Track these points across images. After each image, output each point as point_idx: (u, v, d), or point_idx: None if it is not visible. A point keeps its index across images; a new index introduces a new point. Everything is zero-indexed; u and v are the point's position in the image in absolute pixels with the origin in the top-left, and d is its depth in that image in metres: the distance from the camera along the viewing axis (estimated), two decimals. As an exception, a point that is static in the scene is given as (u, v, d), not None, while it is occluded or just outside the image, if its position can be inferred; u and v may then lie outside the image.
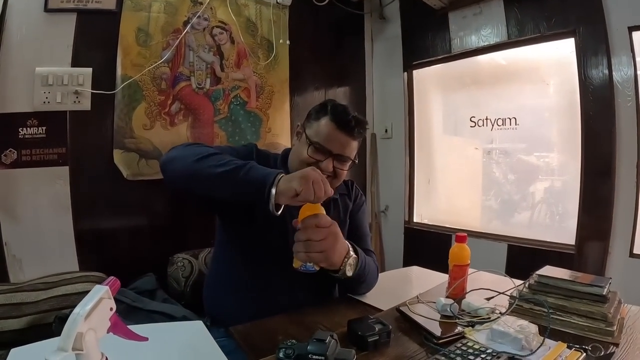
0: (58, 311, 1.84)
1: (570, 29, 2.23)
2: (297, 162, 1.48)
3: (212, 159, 1.23)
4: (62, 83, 2.09)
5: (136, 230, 2.35)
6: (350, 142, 1.47)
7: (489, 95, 2.74)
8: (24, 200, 2.05)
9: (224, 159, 1.23)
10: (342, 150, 1.46)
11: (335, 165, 1.46)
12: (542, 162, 2.55)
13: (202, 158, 1.23)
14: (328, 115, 1.46)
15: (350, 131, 1.45)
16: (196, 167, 1.24)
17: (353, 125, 1.45)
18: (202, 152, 1.25)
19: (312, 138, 1.45)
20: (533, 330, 1.03)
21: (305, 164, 1.42)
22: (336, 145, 1.44)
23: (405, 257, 3.18)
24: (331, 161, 1.44)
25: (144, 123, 2.31)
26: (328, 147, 1.43)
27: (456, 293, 1.36)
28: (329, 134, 1.44)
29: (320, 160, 1.43)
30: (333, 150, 1.44)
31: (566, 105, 2.35)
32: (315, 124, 1.47)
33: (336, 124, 1.44)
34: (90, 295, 0.74)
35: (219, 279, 1.61)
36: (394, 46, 3.18)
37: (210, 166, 1.21)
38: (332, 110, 1.47)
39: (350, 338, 1.08)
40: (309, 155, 1.44)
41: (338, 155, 1.45)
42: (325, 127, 1.45)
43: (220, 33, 2.55)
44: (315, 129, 1.46)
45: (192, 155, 1.25)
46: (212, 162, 1.22)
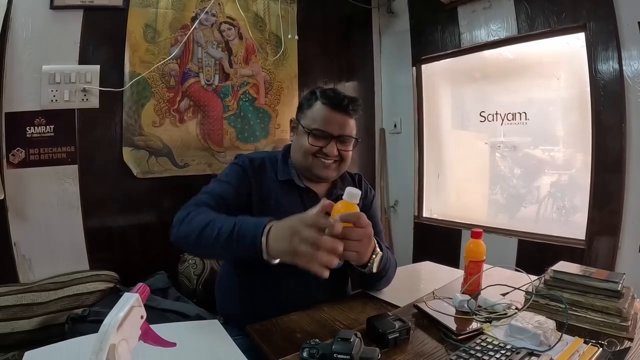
0: (69, 311, 1.89)
1: (580, 23, 2.22)
2: (300, 155, 1.47)
3: (206, 234, 1.21)
4: (69, 81, 2.10)
5: (146, 228, 2.35)
6: (348, 121, 1.46)
7: (499, 89, 2.73)
8: (32, 200, 2.06)
9: (215, 230, 1.19)
10: (342, 130, 1.45)
11: (338, 148, 1.45)
12: (551, 157, 2.54)
13: (199, 236, 1.22)
14: (319, 100, 1.45)
15: (345, 109, 1.44)
16: (199, 248, 1.29)
17: (347, 103, 1.44)
18: (197, 229, 1.23)
19: (310, 126, 1.43)
20: (551, 326, 1.04)
21: (309, 153, 1.43)
22: (335, 126, 1.43)
23: (415, 251, 3.18)
24: (334, 144, 1.43)
25: (153, 120, 2.32)
26: (328, 130, 1.42)
27: (472, 289, 1.36)
28: (325, 116, 1.42)
29: (322, 146, 1.42)
30: (334, 133, 1.43)
31: (576, 100, 2.34)
32: (309, 112, 1.46)
33: (330, 105, 1.43)
34: (120, 304, 0.72)
35: (231, 278, 1.59)
36: (402, 40, 3.16)
37: (208, 243, 1.21)
38: (322, 94, 1.46)
39: (370, 335, 1.08)
40: (311, 144, 1.42)
41: (339, 136, 1.44)
42: (319, 111, 1.43)
43: (229, 29, 2.56)
44: (310, 117, 1.45)
45: (192, 235, 1.24)
46: (208, 239, 1.20)
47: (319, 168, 1.46)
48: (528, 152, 2.62)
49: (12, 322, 1.81)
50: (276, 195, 1.48)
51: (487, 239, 1.43)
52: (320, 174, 1.48)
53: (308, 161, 1.45)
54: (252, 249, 1.10)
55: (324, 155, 1.44)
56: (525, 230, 2.56)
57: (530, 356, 0.96)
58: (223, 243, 1.17)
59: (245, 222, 1.17)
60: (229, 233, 1.16)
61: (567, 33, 2.32)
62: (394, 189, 3.36)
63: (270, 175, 1.50)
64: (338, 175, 1.54)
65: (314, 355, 0.90)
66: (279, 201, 1.47)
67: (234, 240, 1.15)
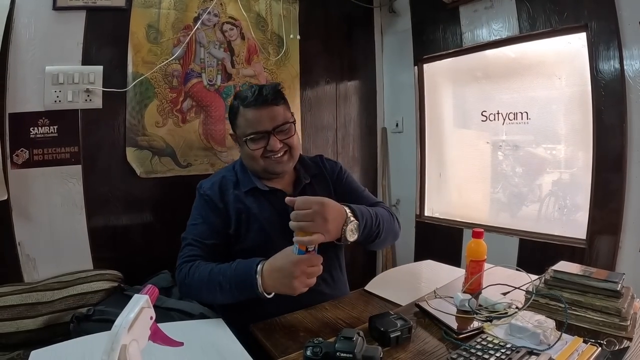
0: (74, 310, 1.89)
1: (582, 23, 2.21)
2: (251, 162, 1.52)
3: (208, 297, 1.40)
4: (72, 81, 2.09)
5: (150, 228, 2.36)
6: (275, 110, 1.47)
7: (500, 89, 2.73)
8: (36, 200, 2.06)
9: (213, 284, 1.32)
10: (274, 121, 1.46)
11: (280, 139, 1.47)
12: (552, 156, 2.55)
13: (204, 297, 1.44)
14: (240, 107, 1.48)
15: (265, 101, 1.45)
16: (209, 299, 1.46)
17: (264, 95, 1.45)
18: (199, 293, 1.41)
19: (245, 133, 1.47)
20: (551, 325, 1.06)
21: (257, 157, 1.47)
22: (265, 122, 1.45)
23: (417, 250, 3.18)
24: (274, 138, 1.46)
25: (156, 120, 2.32)
26: (261, 129, 1.45)
27: (473, 288, 1.38)
28: (252, 117, 1.45)
29: (265, 146, 1.45)
30: (268, 128, 1.45)
31: (577, 100, 2.34)
32: (237, 122, 1.50)
33: (249, 105, 1.45)
34: (130, 305, 0.74)
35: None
36: (404, 40, 3.16)
37: (216, 301, 1.44)
38: (239, 99, 1.49)
39: (372, 333, 1.10)
40: (253, 149, 1.46)
41: (275, 128, 1.46)
42: (244, 115, 1.47)
43: (231, 29, 2.55)
44: (240, 125, 1.49)
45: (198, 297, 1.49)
46: (214, 298, 1.38)
47: (272, 166, 1.49)
48: (529, 151, 2.62)
49: (17, 321, 1.81)
50: (246, 208, 1.51)
51: (488, 238, 1.44)
52: (276, 171, 1.52)
53: (260, 164, 1.49)
54: (252, 292, 1.25)
55: (271, 152, 1.47)
56: (527, 230, 2.56)
57: (530, 355, 0.97)
58: (227, 293, 1.30)
59: (236, 277, 1.29)
60: (228, 285, 1.29)
61: (569, 33, 2.31)
62: (396, 188, 3.37)
63: (234, 191, 1.54)
64: (294, 163, 1.57)
65: (317, 354, 0.92)
66: (250, 212, 1.51)
67: (235, 294, 1.29)
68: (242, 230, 1.49)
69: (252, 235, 1.49)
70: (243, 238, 1.50)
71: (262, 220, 1.48)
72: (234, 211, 1.50)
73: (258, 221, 1.47)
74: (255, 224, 1.47)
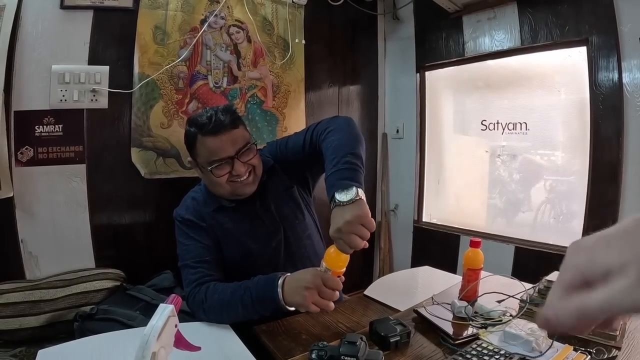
0: (77, 309, 1.91)
1: (582, 37, 2.25)
2: (217, 188, 1.47)
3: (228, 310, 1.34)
4: (79, 81, 2.10)
5: (153, 228, 2.37)
6: (234, 133, 1.41)
7: (500, 99, 2.76)
8: (40, 198, 2.07)
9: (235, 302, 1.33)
10: (236, 145, 1.41)
11: (244, 162, 1.42)
12: (550, 165, 2.58)
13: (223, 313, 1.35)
14: (198, 135, 1.41)
15: (222, 128, 1.39)
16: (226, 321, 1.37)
17: (220, 122, 1.39)
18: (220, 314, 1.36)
19: (206, 160, 1.41)
20: (543, 333, 1.09)
21: (224, 184, 1.43)
22: (226, 148, 1.40)
23: (414, 255, 3.22)
24: (238, 162, 1.41)
25: (162, 122, 2.34)
26: (223, 155, 1.40)
27: (469, 295, 1.42)
28: (212, 146, 1.39)
29: (230, 171, 1.41)
30: (230, 154, 1.40)
31: (576, 112, 2.38)
32: (197, 150, 1.44)
33: (208, 133, 1.39)
34: (158, 315, 0.78)
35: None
36: (407, 47, 3.20)
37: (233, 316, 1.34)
38: (197, 127, 1.41)
39: (373, 338, 1.14)
40: (219, 176, 1.41)
41: (237, 152, 1.41)
42: (204, 144, 1.40)
43: (237, 32, 2.57)
44: (201, 154, 1.43)
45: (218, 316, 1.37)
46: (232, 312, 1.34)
47: (239, 189, 1.45)
48: (527, 160, 2.66)
49: (19, 318, 1.83)
50: (219, 224, 1.50)
51: (485, 245, 1.48)
52: (244, 193, 1.47)
53: (226, 189, 1.45)
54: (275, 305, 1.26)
55: (237, 176, 1.42)
56: (522, 238, 2.60)
57: (523, 361, 1.01)
58: (250, 310, 1.30)
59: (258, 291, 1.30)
60: (250, 302, 1.30)
61: (569, 46, 2.35)
62: (395, 193, 3.39)
63: (205, 212, 1.52)
64: (258, 180, 1.51)
65: (322, 357, 0.95)
66: (223, 227, 1.50)
67: (258, 308, 1.30)
68: (223, 245, 1.50)
69: (232, 249, 1.50)
70: (225, 253, 1.50)
71: (236, 234, 1.47)
72: (213, 230, 1.49)
73: (232, 234, 1.47)
74: (230, 238, 1.47)
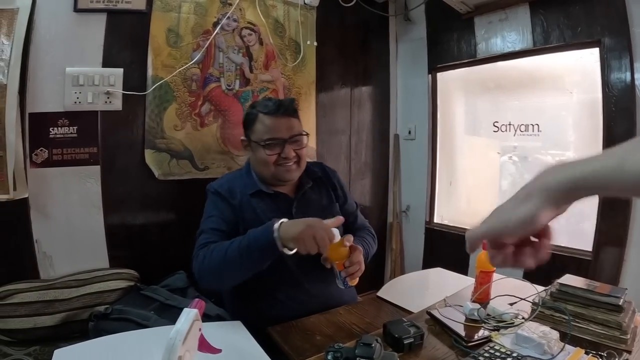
0: (91, 308, 1.94)
1: (595, 39, 2.23)
2: (262, 167, 1.58)
3: (229, 258, 1.36)
4: (93, 83, 2.11)
5: (166, 228, 2.38)
6: (292, 121, 1.58)
7: (512, 100, 2.74)
8: (54, 199, 2.08)
9: (233, 251, 1.35)
10: (291, 131, 1.57)
11: (293, 149, 1.57)
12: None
13: (224, 263, 1.36)
14: (259, 113, 1.57)
15: (285, 112, 1.56)
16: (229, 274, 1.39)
17: (283, 106, 1.56)
18: (218, 263, 1.38)
19: (262, 138, 1.55)
20: (555, 336, 1.10)
21: (270, 163, 1.55)
22: (283, 130, 1.55)
23: (425, 256, 3.22)
24: (289, 147, 1.55)
25: (175, 124, 2.35)
26: (278, 136, 1.54)
27: (482, 298, 1.43)
28: (271, 124, 1.54)
29: (279, 152, 1.53)
30: (284, 136, 1.55)
31: (588, 114, 2.36)
32: (255, 127, 1.57)
33: (270, 113, 1.55)
34: (183, 319, 0.81)
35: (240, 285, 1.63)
36: (418, 48, 3.19)
37: (235, 264, 1.35)
38: (259, 107, 1.58)
39: (386, 339, 1.16)
40: (269, 154, 1.54)
41: (290, 137, 1.56)
42: (263, 122, 1.55)
43: (249, 34, 2.58)
44: (258, 131, 1.56)
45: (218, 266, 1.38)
46: (234, 261, 1.35)
47: (282, 173, 1.56)
48: (539, 162, 2.63)
49: (34, 317, 1.85)
50: (252, 208, 1.57)
51: None
52: (285, 178, 1.59)
53: (271, 170, 1.57)
54: (270, 244, 1.29)
55: (284, 160, 1.55)
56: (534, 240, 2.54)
57: (535, 364, 1.02)
58: (246, 256, 1.31)
59: (256, 237, 1.34)
60: (247, 245, 1.32)
61: (582, 48, 2.33)
62: (407, 194, 3.39)
63: (240, 193, 1.60)
64: (300, 173, 1.65)
65: (338, 358, 0.97)
66: (255, 212, 1.56)
67: (252, 247, 1.31)
68: (246, 228, 1.51)
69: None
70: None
71: (263, 221, 1.48)
72: (241, 210, 1.56)
73: (260, 221, 1.48)
74: (257, 223, 1.48)
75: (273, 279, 1.53)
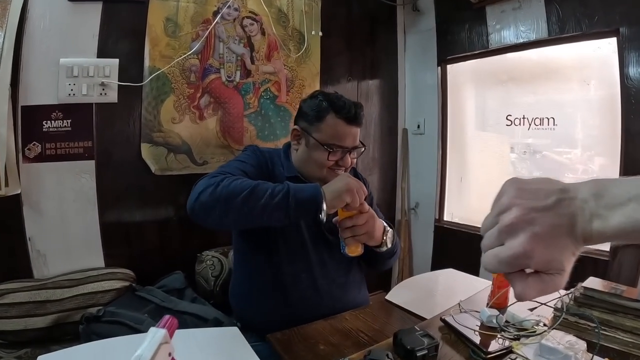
0: (84, 310, 1.87)
1: (612, 28, 2.16)
2: (313, 168, 1.51)
3: (255, 194, 1.22)
4: (87, 74, 2.05)
5: (164, 226, 2.32)
6: (358, 130, 1.51)
7: (526, 93, 2.67)
8: (48, 195, 2.03)
9: (266, 189, 1.23)
10: (355, 141, 1.51)
11: (352, 157, 1.53)
12: (577, 163, 2.49)
13: (247, 197, 1.21)
14: (332, 113, 1.46)
15: (358, 122, 1.49)
16: (246, 209, 1.21)
17: (357, 115, 1.48)
18: (240, 190, 1.22)
19: (327, 141, 1.45)
20: (582, 347, 1.01)
21: (324, 168, 1.48)
22: (350, 140, 1.48)
23: (435, 255, 3.16)
24: (348, 156, 1.50)
25: (173, 116, 2.28)
26: (345, 144, 1.47)
27: (499, 302, 1.35)
28: (342, 132, 1.46)
29: (338, 160, 1.49)
30: (349, 146, 1.48)
31: (606, 107, 2.28)
32: (320, 126, 1.47)
33: (345, 120, 1.46)
34: (147, 342, 0.68)
35: (244, 285, 1.60)
36: (427, 39, 3.12)
37: (260, 204, 1.21)
38: (332, 106, 1.47)
39: (397, 350, 1.06)
40: (329, 160, 1.46)
41: (353, 148, 1.51)
42: (335, 127, 1.46)
43: (251, 24, 2.51)
44: (325, 132, 1.47)
45: (232, 197, 1.22)
46: (259, 198, 1.21)
47: (331, 178, 1.44)
48: (554, 157, 2.56)
49: (25, 319, 1.80)
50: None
51: None
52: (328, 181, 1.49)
53: (322, 174, 1.49)
54: (314, 205, 1.23)
55: (339, 167, 1.50)
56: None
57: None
58: (279, 202, 1.21)
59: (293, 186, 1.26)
60: (284, 195, 1.22)
61: (599, 37, 2.26)
62: (415, 190, 3.33)
63: (279, 169, 1.55)
64: None
65: (345, 377, 0.88)
66: None
67: (291, 202, 1.22)
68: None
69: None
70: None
71: None
72: (269, 179, 1.43)
73: None
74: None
75: (288, 273, 1.49)
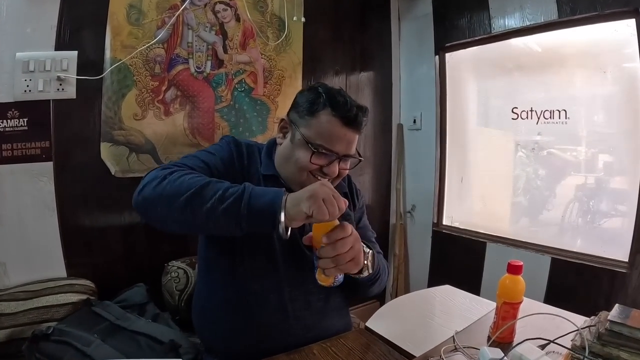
0: (37, 325, 1.75)
1: (631, 7, 1.99)
2: (293, 168, 1.31)
3: (203, 195, 1.04)
4: (44, 69, 1.94)
5: (128, 233, 2.21)
6: (356, 138, 1.31)
7: (534, 83, 2.51)
8: (5, 200, 1.92)
9: (216, 190, 1.05)
10: (349, 149, 1.30)
11: (339, 167, 1.31)
12: (591, 161, 2.33)
13: (190, 198, 1.04)
14: (328, 109, 1.26)
15: (357, 126, 1.28)
16: (188, 212, 1.05)
17: (357, 118, 1.27)
18: (187, 188, 1.05)
19: (314, 140, 1.26)
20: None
21: (305, 171, 1.28)
22: (343, 145, 1.28)
23: (432, 264, 3.02)
24: (337, 164, 1.29)
25: (135, 112, 2.16)
26: (335, 149, 1.26)
27: (503, 337, 1.14)
28: (335, 133, 1.26)
29: (324, 165, 1.27)
30: (340, 152, 1.27)
31: (625, 97, 2.12)
32: (312, 121, 1.28)
33: (341, 120, 1.25)
34: None
35: (206, 299, 1.45)
36: (424, 26, 2.98)
37: (205, 208, 1.03)
38: (330, 101, 1.27)
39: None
40: (313, 162, 1.26)
41: (344, 156, 1.30)
42: (327, 126, 1.26)
43: (224, 10, 2.37)
44: (314, 128, 1.27)
45: (176, 194, 1.05)
46: (206, 200, 1.03)
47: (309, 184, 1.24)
48: (567, 153, 2.42)
49: (-23, 333, 1.71)
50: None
51: (516, 255, 1.19)
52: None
53: (302, 177, 1.29)
54: (269, 215, 1.02)
55: (323, 174, 1.29)
56: (560, 247, 2.32)
57: None
58: (228, 210, 1.03)
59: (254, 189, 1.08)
60: (236, 198, 1.03)
61: (616, 19, 2.09)
62: (412, 192, 3.21)
63: (256, 165, 1.38)
64: None
65: None
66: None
67: (243, 208, 1.02)
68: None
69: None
70: None
71: None
72: (241, 177, 1.31)
73: None
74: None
75: (252, 292, 1.32)
